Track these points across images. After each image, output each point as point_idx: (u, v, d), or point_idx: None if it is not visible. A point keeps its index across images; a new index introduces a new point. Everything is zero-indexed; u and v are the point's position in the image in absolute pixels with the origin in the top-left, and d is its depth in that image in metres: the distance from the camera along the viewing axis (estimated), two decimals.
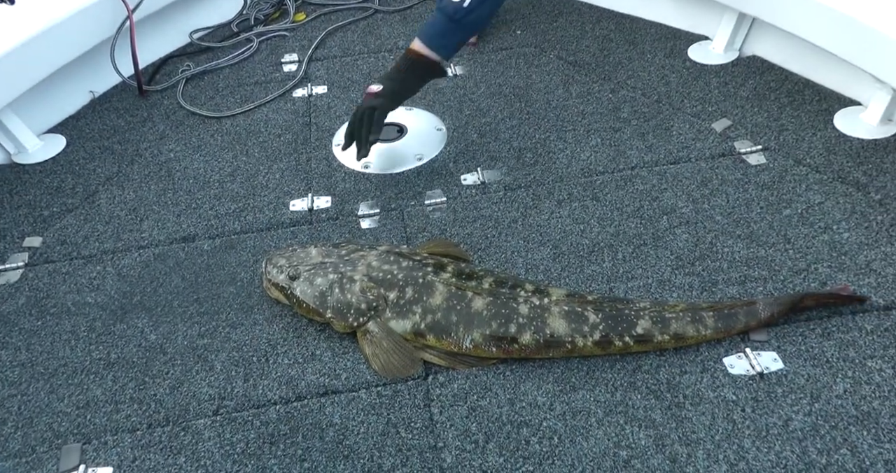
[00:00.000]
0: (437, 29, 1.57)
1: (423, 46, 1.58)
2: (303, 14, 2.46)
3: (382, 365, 1.23)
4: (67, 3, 1.95)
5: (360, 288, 1.28)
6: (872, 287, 1.28)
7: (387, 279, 1.28)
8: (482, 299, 1.23)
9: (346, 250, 1.36)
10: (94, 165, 1.85)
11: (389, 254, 1.33)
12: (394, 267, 1.30)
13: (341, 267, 1.32)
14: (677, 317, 1.20)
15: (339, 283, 1.29)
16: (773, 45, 1.93)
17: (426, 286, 1.26)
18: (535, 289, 1.25)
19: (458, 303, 1.23)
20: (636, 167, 1.65)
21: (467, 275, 1.28)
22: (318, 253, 1.36)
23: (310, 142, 1.86)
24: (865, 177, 1.52)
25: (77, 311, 1.43)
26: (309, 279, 1.31)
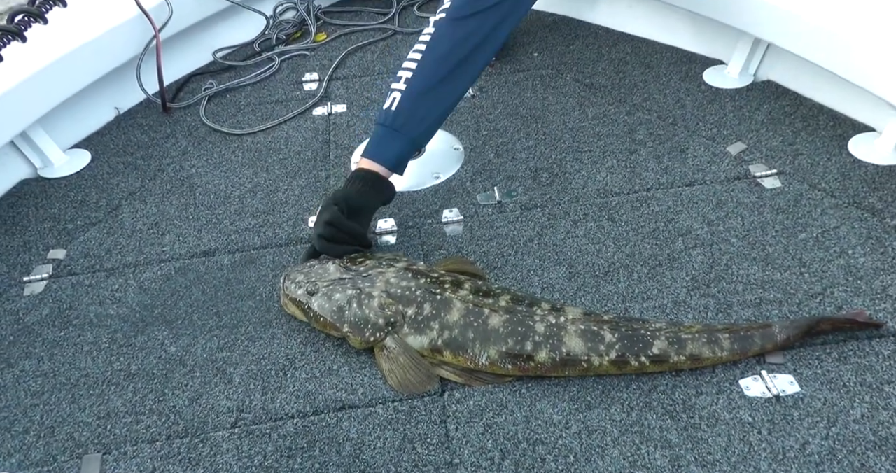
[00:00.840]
0: (376, 139, 1.47)
1: (366, 160, 1.47)
2: (324, 34, 2.51)
3: (399, 380, 1.25)
4: (98, 22, 2.01)
5: (379, 303, 1.29)
6: (889, 312, 1.29)
7: (405, 295, 1.30)
8: (499, 316, 1.24)
9: (365, 267, 1.38)
10: (117, 180, 1.89)
11: (407, 271, 1.35)
12: (412, 283, 1.31)
13: (359, 283, 1.33)
14: (693, 338, 1.20)
15: (358, 299, 1.31)
16: (788, 71, 1.95)
17: (444, 302, 1.27)
18: (552, 308, 1.26)
19: (475, 320, 1.24)
20: (652, 188, 1.66)
21: (484, 293, 1.29)
22: (336, 269, 1.38)
23: (329, 159, 1.89)
24: (881, 203, 1.53)
25: (99, 323, 1.45)
26: (327, 294, 1.33)
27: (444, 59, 1.44)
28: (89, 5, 2.07)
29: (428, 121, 1.48)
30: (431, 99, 1.46)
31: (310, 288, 1.35)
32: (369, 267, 1.37)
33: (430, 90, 1.45)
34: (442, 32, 1.45)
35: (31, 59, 1.83)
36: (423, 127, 1.47)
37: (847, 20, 1.65)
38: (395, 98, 1.44)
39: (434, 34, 1.46)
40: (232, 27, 2.47)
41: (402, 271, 1.35)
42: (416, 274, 1.34)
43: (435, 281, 1.32)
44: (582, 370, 1.21)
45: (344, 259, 1.41)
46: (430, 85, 1.44)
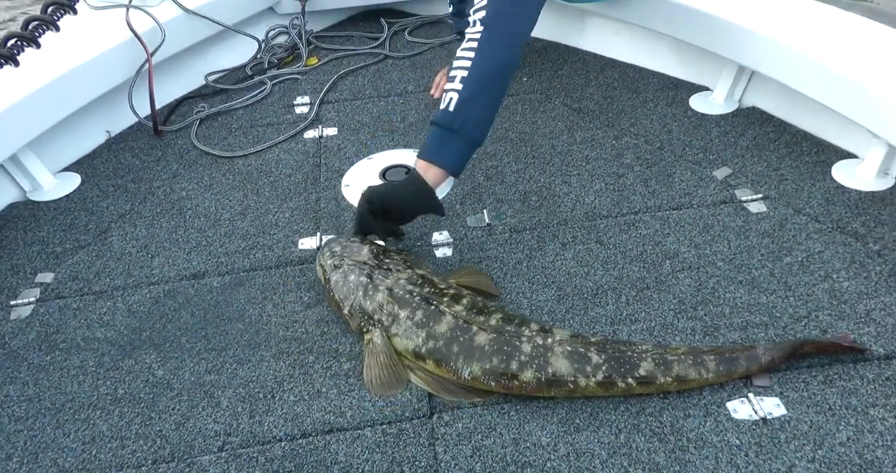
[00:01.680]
0: (433, 140, 1.47)
1: (423, 163, 1.47)
2: (315, 58, 2.54)
3: (371, 377, 1.29)
4: (90, 46, 2.02)
5: (380, 299, 1.34)
6: (872, 336, 1.30)
7: (404, 298, 1.33)
8: (486, 335, 1.25)
9: (391, 261, 1.43)
10: (107, 203, 1.89)
11: (419, 278, 1.38)
12: (416, 289, 1.35)
13: (376, 274, 1.38)
14: (679, 360, 1.21)
15: (365, 288, 1.37)
16: (772, 98, 1.99)
17: (435, 313, 1.29)
18: (541, 329, 1.27)
19: (462, 335, 1.26)
20: (639, 212, 1.68)
21: (478, 310, 1.31)
22: (368, 253, 1.45)
23: (319, 182, 1.90)
24: (864, 228, 1.55)
25: (86, 347, 1.44)
26: (346, 273, 1.40)
27: (497, 58, 1.44)
28: (82, 30, 2.09)
29: (485, 120, 1.47)
30: (486, 97, 1.45)
31: (336, 262, 1.43)
32: (396, 262, 1.42)
33: (486, 89, 1.44)
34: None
35: (22, 83, 1.84)
36: (481, 126, 1.47)
37: (829, 49, 1.69)
38: (451, 98, 1.44)
39: (484, 33, 1.45)
40: (224, 51, 2.49)
41: (415, 276, 1.39)
42: (425, 283, 1.37)
43: (438, 292, 1.35)
44: (568, 391, 1.22)
45: (385, 246, 1.49)
46: (486, 84, 1.44)
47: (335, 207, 1.80)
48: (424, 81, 2.33)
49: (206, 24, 2.33)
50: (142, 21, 2.14)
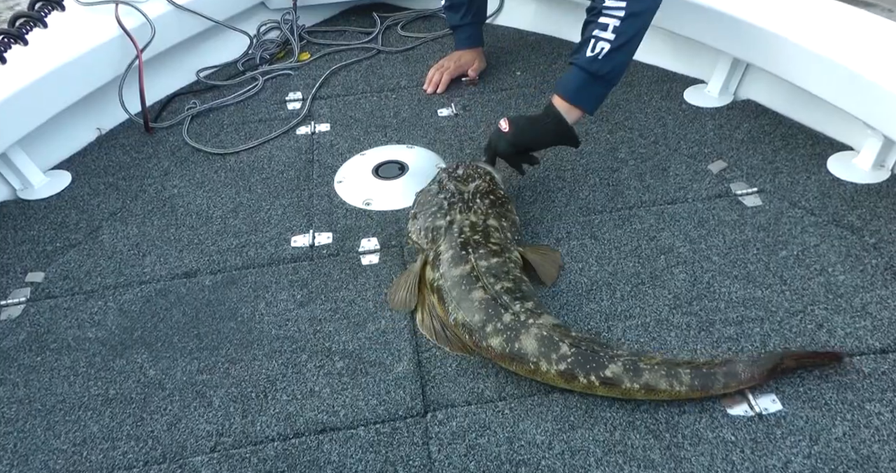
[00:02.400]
0: (578, 83, 1.57)
1: (564, 102, 1.59)
2: (307, 54, 2.52)
3: (392, 290, 1.47)
4: (79, 42, 2.00)
5: (437, 225, 1.50)
6: (868, 330, 1.29)
7: (452, 236, 1.45)
8: (482, 293, 1.31)
9: (481, 202, 1.53)
10: (98, 201, 1.87)
11: (484, 227, 1.48)
12: (470, 233, 1.45)
13: (457, 204, 1.53)
14: (651, 369, 1.18)
15: (436, 211, 1.53)
16: (767, 90, 1.98)
17: (459, 259, 1.39)
18: (531, 309, 1.28)
19: (465, 286, 1.34)
20: (634, 207, 1.67)
21: (495, 274, 1.36)
22: (474, 187, 1.57)
23: (312, 178, 1.88)
24: (860, 221, 1.54)
25: (77, 347, 1.43)
26: (437, 191, 1.59)
27: (646, 7, 1.54)
28: (70, 26, 2.06)
29: (627, 64, 1.60)
30: (634, 45, 1.56)
31: (442, 178, 1.61)
32: (482, 205, 1.53)
33: (635, 38, 1.55)
34: None
35: (10, 81, 1.82)
36: (621, 72, 1.59)
37: (824, 41, 1.68)
38: (602, 47, 1.52)
39: None
40: (215, 47, 2.47)
41: (480, 224, 1.49)
42: (482, 233, 1.46)
43: (483, 244, 1.43)
44: (528, 371, 1.23)
45: (496, 184, 1.61)
46: (636, 34, 1.55)
47: (328, 204, 1.78)
48: (417, 76, 2.31)
49: (196, 19, 2.31)
50: (131, 17, 2.12)
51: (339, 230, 1.69)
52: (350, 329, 1.41)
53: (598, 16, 1.53)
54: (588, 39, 1.54)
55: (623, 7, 1.51)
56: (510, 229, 1.52)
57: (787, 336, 1.30)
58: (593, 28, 1.53)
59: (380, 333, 1.40)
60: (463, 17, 2.19)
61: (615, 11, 1.51)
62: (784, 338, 1.30)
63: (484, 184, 1.59)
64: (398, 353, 1.34)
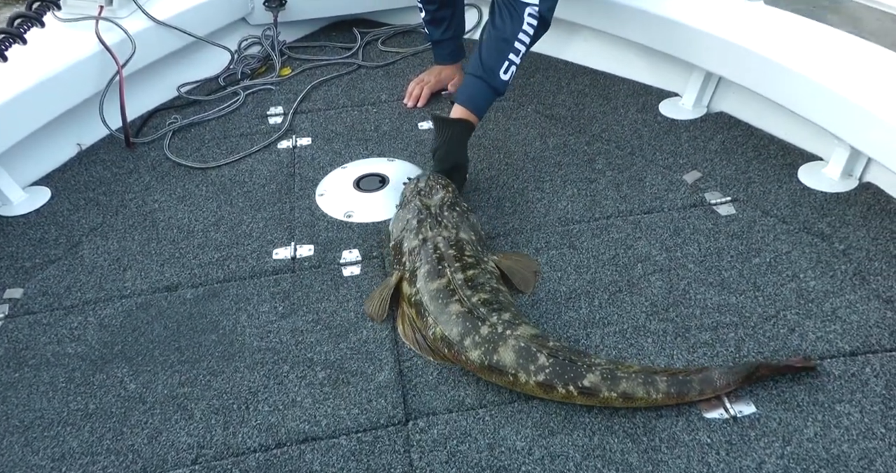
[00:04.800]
0: (485, 99, 1.76)
1: (467, 112, 1.76)
2: (288, 69, 2.54)
3: (367, 302, 1.49)
4: (59, 58, 2.00)
5: (414, 246, 1.51)
6: (838, 333, 1.33)
7: (428, 252, 1.47)
8: (459, 307, 1.33)
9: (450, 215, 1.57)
10: (78, 216, 1.87)
11: (457, 241, 1.51)
12: (445, 248, 1.48)
13: (427, 221, 1.55)
14: (628, 377, 1.20)
15: (411, 231, 1.54)
16: (739, 103, 2.02)
17: (436, 273, 1.41)
18: (508, 320, 1.30)
19: (442, 300, 1.36)
20: (611, 216, 1.70)
21: (472, 286, 1.38)
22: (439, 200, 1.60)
23: (293, 191, 1.90)
24: (829, 229, 1.59)
25: (56, 362, 1.42)
26: (407, 211, 1.60)
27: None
28: (50, 43, 2.07)
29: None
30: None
31: (409, 197, 1.64)
32: (451, 218, 1.56)
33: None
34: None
35: None
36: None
37: (792, 56, 1.73)
38: (512, 72, 1.74)
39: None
40: (196, 62, 2.48)
41: (454, 238, 1.51)
42: (457, 247, 1.49)
43: (458, 258, 1.45)
44: (508, 382, 1.25)
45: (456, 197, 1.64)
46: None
47: (309, 216, 1.80)
48: (398, 90, 2.34)
49: (177, 35, 2.32)
50: (112, 33, 2.13)
51: (320, 242, 1.70)
52: (332, 339, 1.42)
53: (515, 40, 1.72)
54: (502, 62, 1.72)
55: (531, 35, 1.73)
56: (479, 240, 1.56)
57: (760, 340, 1.33)
58: (509, 52, 1.72)
59: (361, 343, 1.41)
60: (444, 32, 2.22)
61: (527, 38, 1.72)
62: (758, 343, 1.33)
63: (449, 194, 1.63)
64: (380, 363, 1.36)
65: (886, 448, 1.12)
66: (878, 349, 1.29)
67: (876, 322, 1.34)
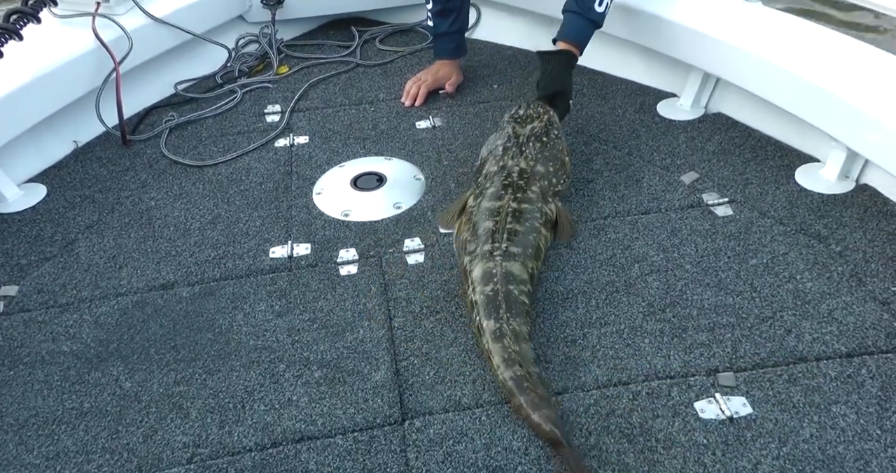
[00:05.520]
0: (585, 31, 1.88)
1: (569, 45, 1.88)
2: (286, 67, 2.53)
3: (443, 211, 1.70)
4: (55, 55, 2.00)
5: (493, 169, 1.65)
6: (834, 335, 1.33)
7: (500, 176, 1.61)
8: (492, 226, 1.48)
9: (533, 146, 1.67)
10: (73, 214, 1.86)
11: (528, 173, 1.62)
12: (515, 177, 1.60)
13: (511, 149, 1.67)
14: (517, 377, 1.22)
15: (495, 155, 1.68)
16: (737, 104, 2.03)
17: (496, 197, 1.55)
18: (509, 252, 1.43)
19: (487, 217, 1.51)
20: (609, 216, 1.70)
21: (517, 216, 1.51)
22: (531, 130, 1.71)
23: (290, 190, 1.89)
24: (826, 230, 1.59)
25: (51, 360, 1.42)
26: (499, 136, 1.74)
27: None
28: (46, 39, 2.06)
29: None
30: None
31: (506, 122, 1.77)
32: (532, 149, 1.66)
33: None
34: None
35: None
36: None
37: (790, 57, 1.73)
38: (607, 4, 1.86)
39: None
40: (194, 60, 2.47)
41: (527, 169, 1.62)
42: (524, 179, 1.60)
43: (522, 189, 1.58)
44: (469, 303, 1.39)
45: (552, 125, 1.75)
46: None
47: (306, 215, 1.79)
48: (396, 89, 2.34)
49: (174, 32, 2.31)
50: (109, 30, 2.12)
51: (317, 241, 1.70)
52: (328, 338, 1.42)
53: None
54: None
55: None
56: (557, 174, 1.67)
57: (757, 341, 1.34)
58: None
59: (358, 342, 1.40)
60: (451, 25, 2.21)
61: None
62: (754, 344, 1.33)
63: (540, 125, 1.72)
64: (376, 362, 1.35)
65: (882, 450, 1.12)
66: (874, 350, 1.29)
67: (872, 323, 1.34)
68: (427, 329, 1.43)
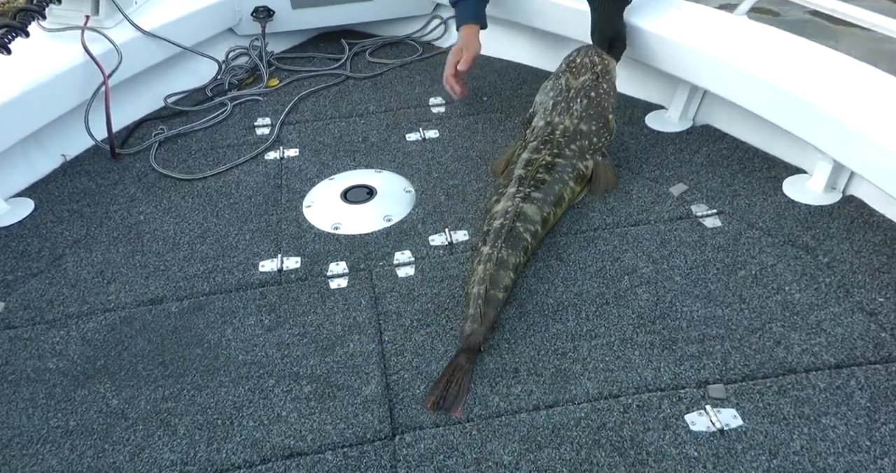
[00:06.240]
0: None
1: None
2: (276, 80, 2.53)
3: (497, 159, 1.94)
4: (43, 69, 1.99)
5: (540, 124, 1.83)
6: (823, 346, 1.34)
7: (544, 130, 1.79)
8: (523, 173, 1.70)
9: (580, 102, 1.80)
10: (61, 228, 1.85)
11: (572, 131, 1.78)
12: (557, 134, 1.78)
13: (560, 104, 1.81)
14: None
15: (545, 107, 1.84)
16: (724, 116, 2.04)
17: (535, 150, 1.75)
18: (531, 197, 1.63)
19: (522, 167, 1.72)
20: (598, 228, 1.71)
21: (548, 168, 1.70)
22: (582, 82, 1.82)
23: (280, 203, 1.89)
24: (814, 241, 1.60)
25: (37, 378, 1.40)
26: (552, 86, 1.87)
27: None
28: (35, 53, 2.06)
29: None
30: None
31: (561, 71, 1.88)
32: (581, 105, 1.79)
33: None
34: None
35: None
36: None
37: (776, 70, 1.75)
38: None
39: None
40: (183, 72, 2.47)
41: (571, 127, 1.77)
42: (566, 135, 1.76)
43: (560, 145, 1.75)
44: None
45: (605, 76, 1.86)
46: None
47: (296, 228, 1.79)
48: (386, 101, 2.34)
49: (164, 45, 2.31)
50: (98, 43, 2.12)
51: (307, 254, 1.69)
52: (318, 353, 1.41)
53: None
54: None
55: None
56: (599, 133, 1.80)
57: (747, 353, 1.34)
58: None
59: (348, 356, 1.40)
60: None
61: None
62: (744, 355, 1.33)
63: (591, 78, 1.82)
64: (366, 376, 1.35)
65: (872, 461, 1.13)
66: (862, 361, 1.30)
67: (860, 334, 1.35)
68: (417, 342, 1.43)
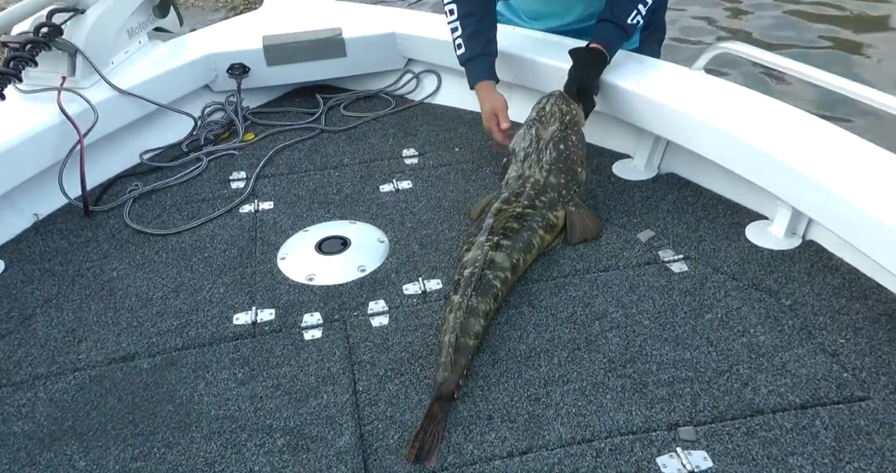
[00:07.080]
0: (616, 37, 2.06)
1: (600, 47, 2.05)
2: (252, 134, 2.57)
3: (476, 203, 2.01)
4: (17, 129, 2.01)
5: (511, 174, 1.92)
6: (789, 387, 1.36)
7: (515, 186, 1.87)
8: (492, 223, 1.76)
9: (548, 156, 1.88)
10: (31, 288, 1.83)
11: (542, 185, 1.86)
12: (528, 188, 1.85)
13: (531, 155, 1.90)
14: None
15: (516, 157, 1.94)
16: (688, 164, 2.11)
17: (506, 202, 1.82)
18: (501, 244, 1.69)
19: (494, 215, 1.78)
20: (569, 275, 1.74)
21: (518, 218, 1.77)
22: (550, 133, 1.90)
23: (255, 256, 1.90)
24: (776, 285, 1.65)
25: (1, 443, 1.37)
26: (524, 135, 1.96)
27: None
28: (9, 114, 2.08)
29: None
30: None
31: (532, 121, 1.96)
32: (549, 158, 1.87)
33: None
34: None
35: None
36: None
37: (735, 122, 1.83)
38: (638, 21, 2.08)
39: None
40: (159, 129, 2.50)
41: (540, 181, 1.86)
42: (539, 190, 1.84)
43: (532, 198, 1.83)
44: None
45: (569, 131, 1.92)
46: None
47: (271, 280, 1.80)
48: (360, 153, 2.39)
49: (140, 103, 2.35)
50: (74, 103, 2.15)
51: (281, 306, 1.70)
52: (291, 405, 1.41)
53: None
54: (631, 11, 2.04)
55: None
56: (567, 186, 1.87)
57: (715, 395, 1.36)
58: (638, 3, 2.04)
59: (322, 407, 1.39)
60: (486, 45, 2.18)
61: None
62: (713, 397, 1.36)
63: (559, 129, 1.90)
64: (340, 427, 1.34)
65: None
66: (826, 401, 1.33)
67: (823, 375, 1.38)
68: (391, 392, 1.43)
